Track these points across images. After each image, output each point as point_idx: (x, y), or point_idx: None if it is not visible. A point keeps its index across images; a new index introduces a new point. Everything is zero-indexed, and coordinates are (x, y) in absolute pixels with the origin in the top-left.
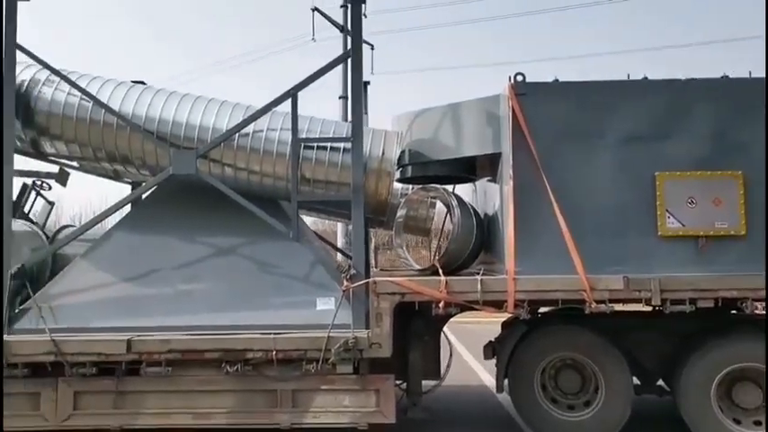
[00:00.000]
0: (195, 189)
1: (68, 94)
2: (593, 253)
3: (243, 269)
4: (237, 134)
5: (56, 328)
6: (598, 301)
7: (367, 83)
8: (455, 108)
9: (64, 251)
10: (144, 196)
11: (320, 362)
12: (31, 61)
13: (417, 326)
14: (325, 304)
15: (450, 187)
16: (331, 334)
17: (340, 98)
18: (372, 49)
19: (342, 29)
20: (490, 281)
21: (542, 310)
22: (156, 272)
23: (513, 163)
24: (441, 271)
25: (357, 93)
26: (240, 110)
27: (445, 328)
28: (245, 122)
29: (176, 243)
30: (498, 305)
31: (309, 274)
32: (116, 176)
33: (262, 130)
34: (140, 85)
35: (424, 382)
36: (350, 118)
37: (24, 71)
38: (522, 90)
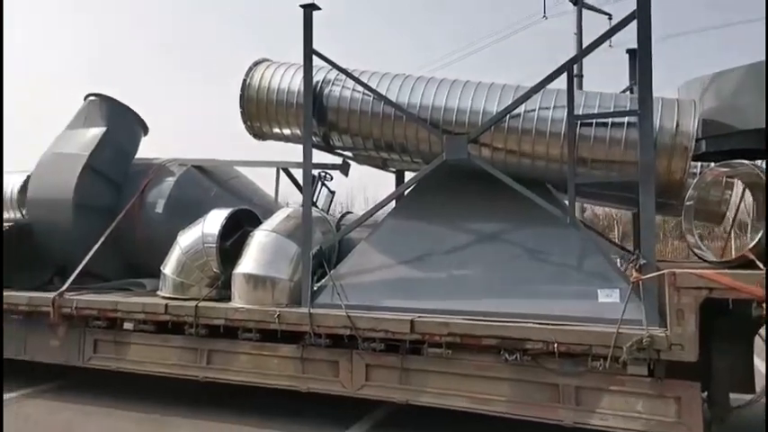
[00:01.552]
0: (462, 175)
1: (353, 90)
2: None
3: (516, 255)
4: (507, 116)
5: (349, 305)
6: None
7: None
8: (759, 68)
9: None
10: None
11: (608, 359)
12: (322, 64)
13: (724, 327)
14: (608, 296)
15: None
16: (621, 330)
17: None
18: (610, 18)
19: (575, 1)
20: None
21: None
22: (431, 256)
23: None
24: (758, 263)
25: (645, 57)
26: (509, 91)
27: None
28: (516, 103)
29: (448, 228)
30: None
31: (587, 263)
32: (383, 165)
33: (533, 110)
34: (412, 76)
35: (731, 395)
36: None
37: (317, 73)
38: None
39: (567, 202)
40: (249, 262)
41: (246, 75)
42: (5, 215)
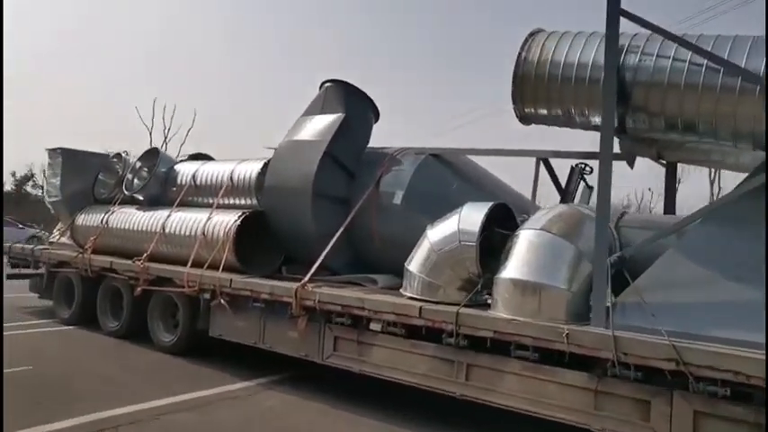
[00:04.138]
0: None
1: (673, 59)
2: None
3: None
4: None
5: (672, 332)
6: None
7: None
8: None
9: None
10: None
11: None
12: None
13: None
14: None
15: None
16: None
17: None
18: None
19: None
20: None
21: None
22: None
23: None
24: None
25: None
26: None
27: None
28: None
29: None
30: None
31: None
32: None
33: None
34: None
35: None
36: None
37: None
38: None
39: None
40: (517, 265)
41: (522, 48)
42: (242, 201)
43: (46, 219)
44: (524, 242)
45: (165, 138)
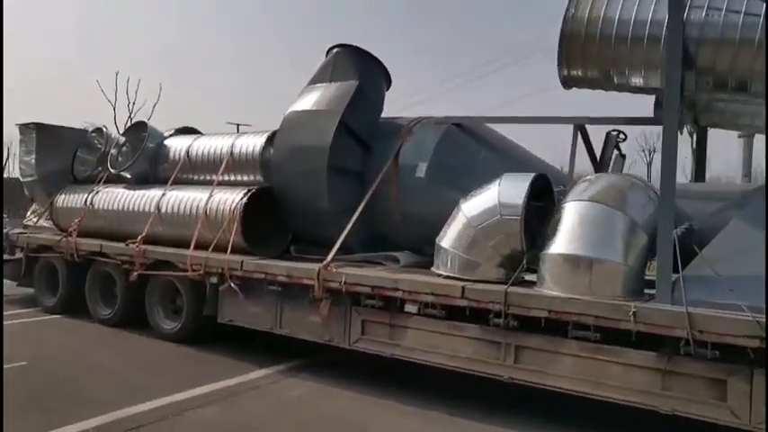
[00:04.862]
0: None
1: (744, 14)
2: None
3: None
4: None
5: (751, 306)
6: None
7: None
8: None
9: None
10: None
11: None
12: None
13: None
14: None
15: None
16: None
17: None
18: None
19: None
20: None
21: None
22: None
23: None
24: None
25: None
26: None
27: None
28: None
29: None
30: None
31: None
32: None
33: None
34: None
35: None
36: None
37: None
38: None
39: None
40: (567, 239)
41: (570, 3)
42: (244, 177)
43: (13, 199)
44: (574, 214)
45: (130, 113)
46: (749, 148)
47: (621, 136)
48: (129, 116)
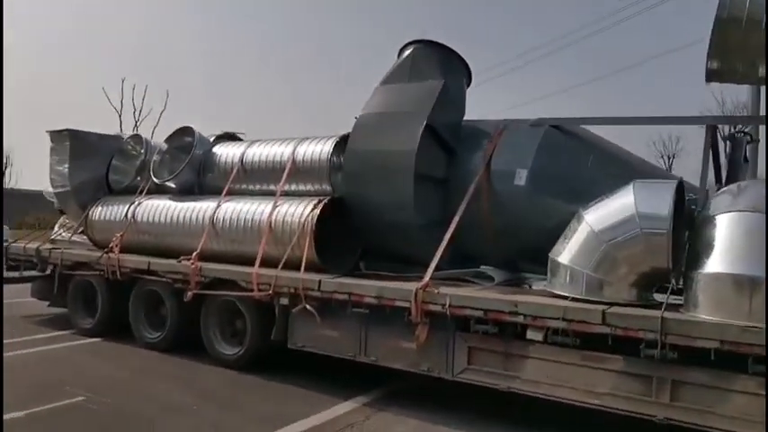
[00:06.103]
0: None
1: None
2: None
3: None
4: None
5: None
6: None
7: None
8: None
9: None
10: None
11: None
12: None
13: None
14: None
15: None
16: None
17: None
18: None
19: None
20: None
21: None
22: None
23: None
24: None
25: None
26: None
27: None
28: None
29: None
30: None
31: None
32: None
33: None
34: None
35: None
36: None
37: None
38: None
39: None
40: (726, 257)
41: None
42: (308, 187)
43: (9, 212)
44: (733, 227)
45: (136, 121)
46: None
47: (749, 137)
48: (136, 124)
